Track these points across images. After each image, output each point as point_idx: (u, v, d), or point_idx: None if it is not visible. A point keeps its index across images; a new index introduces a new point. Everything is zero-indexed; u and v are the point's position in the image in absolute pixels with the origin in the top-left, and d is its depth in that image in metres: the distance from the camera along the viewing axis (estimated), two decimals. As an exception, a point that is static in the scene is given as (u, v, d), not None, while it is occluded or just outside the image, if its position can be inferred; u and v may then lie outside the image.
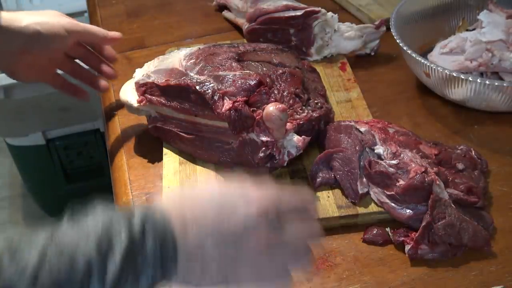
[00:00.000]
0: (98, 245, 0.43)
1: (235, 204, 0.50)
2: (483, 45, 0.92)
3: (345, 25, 1.02)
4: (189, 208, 0.49)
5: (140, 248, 0.45)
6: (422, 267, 0.69)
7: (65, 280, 0.42)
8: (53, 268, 0.41)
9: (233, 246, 0.49)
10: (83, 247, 0.43)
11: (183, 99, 0.80)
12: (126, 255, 0.44)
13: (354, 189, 0.74)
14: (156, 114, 0.84)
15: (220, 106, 0.75)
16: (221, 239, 0.49)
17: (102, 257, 0.43)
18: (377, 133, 0.76)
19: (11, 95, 1.74)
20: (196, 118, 0.80)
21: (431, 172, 0.71)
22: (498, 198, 0.77)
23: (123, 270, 0.44)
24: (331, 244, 0.72)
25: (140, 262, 0.45)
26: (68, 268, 0.42)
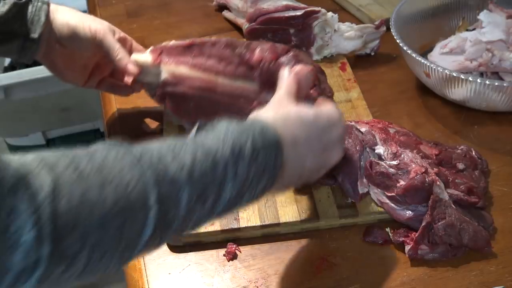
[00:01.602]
0: (232, 151, 0.52)
1: (328, 123, 0.64)
2: (483, 45, 0.92)
3: (345, 25, 1.02)
4: (287, 125, 0.59)
5: (260, 156, 0.54)
6: (422, 267, 0.69)
7: (209, 179, 0.50)
8: (202, 168, 0.50)
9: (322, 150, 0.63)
10: (220, 152, 0.52)
11: (205, 58, 0.80)
12: (251, 162, 0.53)
13: (354, 189, 0.74)
14: (168, 76, 0.82)
15: (252, 55, 0.76)
16: (319, 153, 0.63)
17: (234, 162, 0.52)
18: (378, 133, 0.76)
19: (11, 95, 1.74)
20: (217, 77, 0.79)
21: (432, 173, 0.71)
22: (498, 198, 0.77)
23: (249, 174, 0.53)
24: (331, 244, 0.72)
25: (259, 169, 0.54)
26: (211, 168, 0.51)
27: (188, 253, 0.72)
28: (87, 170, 0.43)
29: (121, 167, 0.45)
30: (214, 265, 0.70)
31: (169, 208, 0.47)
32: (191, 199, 0.49)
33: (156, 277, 0.69)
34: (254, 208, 0.74)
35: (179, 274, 0.69)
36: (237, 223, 0.73)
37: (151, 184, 0.46)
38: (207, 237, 0.72)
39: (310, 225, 0.73)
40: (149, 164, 0.47)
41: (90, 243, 0.42)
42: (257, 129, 0.55)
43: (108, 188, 0.43)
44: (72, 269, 0.42)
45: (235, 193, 0.53)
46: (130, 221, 0.44)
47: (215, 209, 0.52)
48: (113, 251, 0.44)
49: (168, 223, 0.48)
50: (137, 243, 0.46)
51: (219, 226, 0.72)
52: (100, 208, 0.42)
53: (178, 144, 0.51)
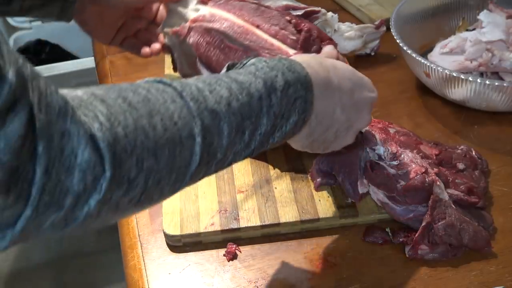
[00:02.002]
0: (264, 84, 0.53)
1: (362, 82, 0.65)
2: (483, 45, 0.92)
3: (345, 25, 1.02)
4: (321, 70, 0.60)
5: (291, 89, 0.55)
6: (422, 267, 0.69)
7: (246, 111, 0.52)
8: (238, 100, 0.51)
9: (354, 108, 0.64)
10: (254, 85, 0.53)
11: (253, 14, 0.81)
12: (282, 94, 0.54)
13: (354, 189, 0.74)
14: (208, 13, 0.82)
15: (302, 22, 0.79)
16: (349, 106, 0.63)
17: (268, 94, 0.53)
18: (378, 133, 0.76)
19: (11, 95, 1.74)
20: (255, 29, 0.80)
21: (432, 173, 0.71)
22: (498, 198, 0.77)
23: (281, 106, 0.54)
24: (331, 244, 0.72)
25: (290, 101, 0.55)
26: (247, 100, 0.52)
27: (188, 253, 0.72)
28: (134, 100, 0.45)
29: (164, 99, 0.47)
30: (214, 265, 0.70)
31: (212, 139, 0.49)
32: (231, 130, 0.51)
33: (156, 277, 0.69)
34: (254, 208, 0.74)
35: (179, 274, 0.69)
36: (237, 223, 0.73)
37: (194, 114, 0.48)
38: (207, 237, 0.72)
39: (310, 225, 0.73)
40: (190, 96, 0.48)
41: (146, 168, 0.44)
42: (286, 64, 0.56)
43: (156, 117, 0.45)
44: (130, 194, 0.44)
45: (270, 126, 0.54)
46: (179, 148, 0.46)
47: (251, 142, 0.54)
48: (166, 178, 0.46)
49: (212, 154, 0.50)
50: (186, 171, 0.48)
51: (219, 226, 0.72)
52: (152, 134, 0.44)
53: (213, 79, 0.52)
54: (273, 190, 0.77)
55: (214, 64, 0.82)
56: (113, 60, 1.07)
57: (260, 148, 0.56)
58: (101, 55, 1.09)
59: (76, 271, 1.68)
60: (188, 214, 0.74)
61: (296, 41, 0.79)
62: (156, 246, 0.73)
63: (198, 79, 0.52)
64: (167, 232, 0.72)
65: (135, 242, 0.73)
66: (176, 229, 0.72)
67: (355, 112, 0.64)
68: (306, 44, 0.78)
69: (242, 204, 0.75)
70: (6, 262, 1.69)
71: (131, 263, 0.71)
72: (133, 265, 0.71)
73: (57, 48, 2.08)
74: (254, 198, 0.76)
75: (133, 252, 0.72)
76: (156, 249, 0.72)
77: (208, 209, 0.75)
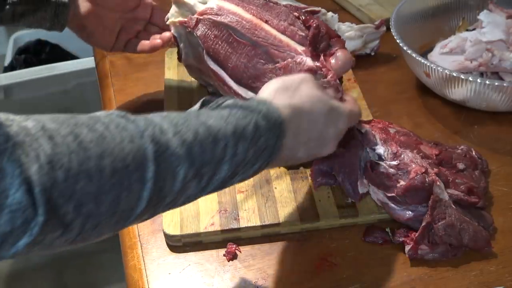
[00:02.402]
0: (233, 132, 0.53)
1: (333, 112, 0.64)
2: (483, 45, 0.92)
3: (345, 25, 1.02)
4: (296, 116, 0.60)
5: (261, 139, 0.55)
6: (422, 267, 0.69)
7: (208, 157, 0.51)
8: (202, 145, 0.50)
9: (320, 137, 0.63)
10: (223, 131, 0.52)
11: (262, 9, 0.81)
12: (251, 143, 0.54)
13: (354, 189, 0.74)
14: (216, 6, 0.82)
15: (310, 19, 0.78)
16: (313, 147, 0.63)
17: (235, 142, 0.53)
18: (378, 133, 0.76)
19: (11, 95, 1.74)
20: (264, 24, 0.79)
21: (432, 173, 0.71)
22: (498, 198, 0.77)
23: (247, 155, 0.54)
24: (331, 244, 0.72)
25: (259, 151, 0.55)
26: (211, 147, 0.51)
27: (188, 253, 0.72)
28: (87, 139, 0.43)
29: (122, 139, 0.45)
30: (214, 265, 0.70)
31: (165, 183, 0.48)
32: (187, 175, 0.50)
33: (156, 277, 0.69)
34: (254, 208, 0.74)
35: (179, 274, 0.69)
36: (237, 223, 0.73)
37: (150, 158, 0.46)
38: (207, 237, 0.72)
39: (310, 225, 0.73)
40: (151, 137, 0.47)
41: (85, 213, 0.42)
42: (263, 111, 0.56)
43: (107, 159, 0.43)
44: (65, 236, 0.43)
45: (230, 173, 0.54)
46: (126, 193, 0.45)
47: (208, 186, 0.53)
48: (106, 222, 0.45)
49: (161, 198, 0.49)
50: (130, 215, 0.47)
51: (219, 226, 0.72)
52: (97, 179, 0.43)
53: (181, 119, 0.51)
54: (273, 190, 0.77)
55: (222, 57, 0.81)
56: (113, 60, 1.07)
57: (216, 191, 0.55)
58: (101, 55, 1.09)
59: (76, 271, 1.67)
60: (188, 214, 0.74)
61: (305, 38, 0.78)
62: (156, 246, 0.73)
63: (166, 117, 0.50)
64: (167, 232, 0.72)
65: (135, 242, 0.73)
66: (176, 229, 0.72)
67: (319, 148, 0.64)
68: (315, 40, 0.78)
69: (242, 204, 0.75)
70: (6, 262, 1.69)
71: (131, 263, 0.71)
72: (133, 265, 0.71)
73: (57, 48, 2.08)
74: (254, 198, 0.76)
75: (133, 252, 0.72)
76: (156, 249, 0.72)
77: (208, 209, 0.75)
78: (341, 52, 0.77)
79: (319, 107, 0.62)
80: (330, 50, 0.78)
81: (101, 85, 1.05)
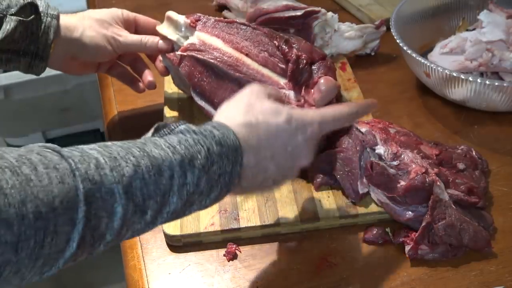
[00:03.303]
0: (181, 161, 0.50)
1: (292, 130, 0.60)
2: (483, 45, 0.92)
3: (345, 25, 1.02)
4: (252, 132, 0.58)
5: (214, 166, 0.53)
6: (422, 267, 0.69)
7: (151, 191, 0.48)
8: (143, 178, 0.48)
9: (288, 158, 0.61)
10: (168, 161, 0.50)
11: (241, 38, 0.81)
12: (203, 171, 0.52)
13: (354, 189, 0.74)
14: (198, 41, 0.82)
15: (289, 52, 0.79)
16: (283, 161, 0.60)
17: (183, 172, 0.50)
18: (378, 133, 0.76)
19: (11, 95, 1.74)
20: (245, 58, 0.80)
21: (432, 173, 0.71)
22: (498, 198, 0.77)
23: (199, 184, 0.52)
24: (331, 244, 0.72)
25: (213, 179, 0.53)
26: (154, 179, 0.49)
27: (188, 253, 0.72)
28: (9, 184, 0.41)
29: (50, 180, 0.43)
30: (214, 265, 0.70)
31: (100, 222, 0.46)
32: (126, 212, 0.47)
33: (156, 277, 0.69)
34: (254, 208, 0.74)
35: (179, 274, 0.69)
36: (237, 223, 0.73)
37: (81, 198, 0.44)
38: (207, 237, 0.72)
39: (310, 225, 0.73)
40: (84, 174, 0.45)
41: (1, 260, 0.40)
42: (217, 136, 0.54)
43: (29, 205, 0.41)
44: None
45: (182, 203, 0.51)
46: (51, 237, 0.42)
47: (157, 219, 0.51)
48: (28, 268, 0.42)
49: (99, 236, 0.46)
50: (59, 257, 0.44)
51: (219, 226, 0.72)
52: (17, 227, 0.40)
53: (122, 151, 0.48)
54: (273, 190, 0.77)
55: (208, 93, 0.83)
56: (113, 60, 1.07)
57: (173, 220, 0.53)
58: (101, 55, 1.09)
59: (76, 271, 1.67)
60: (188, 214, 0.74)
61: (286, 71, 0.79)
62: (156, 246, 0.73)
63: (106, 149, 0.48)
64: (167, 232, 0.72)
65: (135, 242, 0.73)
66: (176, 229, 0.72)
67: (293, 161, 0.61)
68: (295, 75, 0.79)
69: (242, 204, 0.75)
70: (6, 262, 1.69)
71: (131, 263, 0.71)
72: (133, 265, 0.71)
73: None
74: (254, 198, 0.76)
75: (133, 252, 0.72)
76: (156, 249, 0.72)
77: (208, 209, 0.74)
78: (324, 80, 0.78)
79: (276, 119, 0.59)
80: (313, 78, 0.79)
81: (101, 85, 1.05)
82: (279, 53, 0.80)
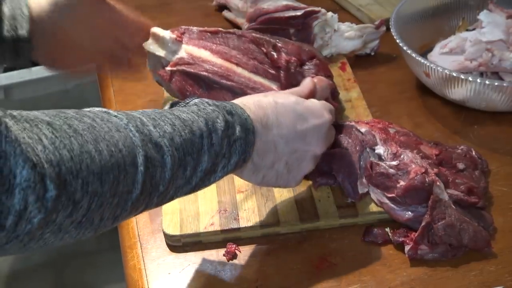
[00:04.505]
0: (206, 123, 0.56)
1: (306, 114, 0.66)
2: (483, 45, 0.92)
3: (345, 25, 1.02)
4: (260, 108, 0.63)
5: (230, 130, 0.58)
6: (422, 267, 0.69)
7: (189, 147, 0.54)
8: (181, 136, 0.54)
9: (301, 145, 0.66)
10: (196, 123, 0.56)
11: (229, 47, 0.81)
12: (223, 135, 0.57)
13: (354, 189, 0.74)
14: (185, 55, 0.82)
15: (278, 57, 0.78)
16: (291, 139, 0.64)
17: (209, 133, 0.56)
18: (378, 133, 0.76)
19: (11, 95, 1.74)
20: (235, 67, 0.80)
21: (432, 173, 0.71)
22: (498, 198, 0.77)
23: (222, 146, 0.57)
24: (331, 244, 0.72)
25: (231, 141, 0.58)
26: (189, 137, 0.54)
27: (188, 253, 0.72)
28: (80, 128, 0.46)
29: (109, 128, 0.48)
30: (214, 265, 0.70)
31: (155, 170, 0.51)
32: (173, 164, 0.52)
33: (156, 277, 0.69)
34: (254, 208, 0.74)
35: (179, 274, 0.69)
36: (237, 223, 0.73)
37: (138, 145, 0.49)
38: (207, 237, 0.72)
39: (310, 225, 0.73)
40: (135, 128, 0.50)
41: (90, 191, 0.44)
42: (227, 107, 0.60)
43: (102, 143, 0.46)
44: (73, 216, 0.44)
45: (210, 164, 0.57)
46: (123, 175, 0.47)
47: (192, 178, 0.56)
48: (109, 202, 0.47)
49: (154, 185, 0.51)
50: (128, 198, 0.49)
51: (219, 226, 0.72)
52: (98, 159, 0.45)
53: (157, 115, 0.54)
54: (273, 190, 0.77)
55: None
56: (113, 60, 1.07)
57: (202, 185, 0.59)
58: (101, 55, 1.09)
59: (76, 271, 1.67)
60: (187, 214, 0.74)
61: (277, 76, 0.80)
62: (155, 246, 0.73)
63: (143, 113, 0.54)
64: (166, 232, 0.72)
65: (135, 242, 0.73)
66: (176, 229, 0.72)
67: (302, 143, 0.65)
68: (289, 81, 0.79)
69: (242, 204, 0.75)
70: (6, 262, 1.69)
71: (131, 263, 0.71)
72: (133, 265, 0.71)
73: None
74: (254, 198, 0.76)
75: (132, 252, 0.72)
76: (155, 249, 0.72)
77: (208, 209, 0.75)
78: (316, 80, 0.77)
79: (284, 100, 0.65)
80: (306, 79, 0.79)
81: (101, 85, 1.05)
82: (268, 59, 0.80)
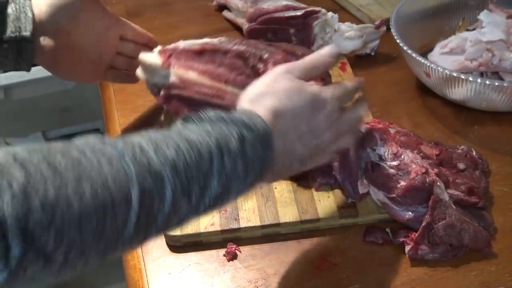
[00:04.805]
0: (217, 144, 0.51)
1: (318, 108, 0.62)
2: (483, 45, 0.92)
3: (345, 25, 1.02)
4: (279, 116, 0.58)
5: (247, 149, 0.53)
6: (422, 267, 0.69)
7: (194, 172, 0.49)
8: (186, 161, 0.49)
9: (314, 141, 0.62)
10: (206, 145, 0.51)
11: (215, 65, 0.80)
12: (237, 155, 0.52)
13: (354, 189, 0.74)
14: (175, 79, 0.82)
15: (264, 69, 0.76)
16: (308, 139, 0.61)
17: (221, 155, 0.51)
18: (378, 133, 0.76)
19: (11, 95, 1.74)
20: (226, 85, 0.79)
21: (432, 173, 0.71)
22: (499, 198, 0.77)
23: (236, 167, 0.52)
24: (331, 244, 0.72)
25: (247, 162, 0.53)
26: (195, 161, 0.49)
27: (188, 253, 0.72)
28: (62, 165, 0.41)
29: (99, 162, 0.44)
30: (214, 265, 0.70)
31: (153, 203, 0.46)
32: (175, 193, 0.48)
33: (156, 277, 0.69)
34: (254, 208, 0.74)
35: (179, 274, 0.69)
36: (237, 223, 0.73)
37: (133, 179, 0.45)
38: (207, 237, 0.72)
39: (310, 225, 0.73)
40: (131, 157, 0.46)
41: (66, 241, 0.41)
42: (247, 122, 0.54)
43: (85, 183, 0.42)
44: (48, 268, 0.41)
45: (221, 188, 0.52)
46: (110, 217, 0.43)
47: (201, 204, 0.51)
48: (92, 249, 0.43)
49: (152, 219, 0.47)
50: (118, 240, 0.45)
51: (219, 226, 0.72)
52: (77, 204, 0.41)
53: (161, 137, 0.49)
54: (273, 190, 0.77)
55: None
56: (113, 60, 1.07)
57: (215, 208, 0.54)
58: (101, 55, 1.09)
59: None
60: (188, 214, 0.74)
61: None
62: (156, 246, 0.73)
63: (145, 136, 0.49)
64: (167, 232, 0.72)
65: (135, 242, 0.73)
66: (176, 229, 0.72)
67: (315, 138, 0.62)
68: None
69: (242, 204, 0.75)
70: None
71: (131, 263, 0.71)
72: (133, 265, 0.71)
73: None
74: (254, 198, 0.76)
75: (133, 252, 0.72)
76: (156, 249, 0.72)
77: (208, 209, 0.74)
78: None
79: (299, 99, 0.60)
80: None
81: (101, 84, 1.05)
82: (254, 73, 0.79)
